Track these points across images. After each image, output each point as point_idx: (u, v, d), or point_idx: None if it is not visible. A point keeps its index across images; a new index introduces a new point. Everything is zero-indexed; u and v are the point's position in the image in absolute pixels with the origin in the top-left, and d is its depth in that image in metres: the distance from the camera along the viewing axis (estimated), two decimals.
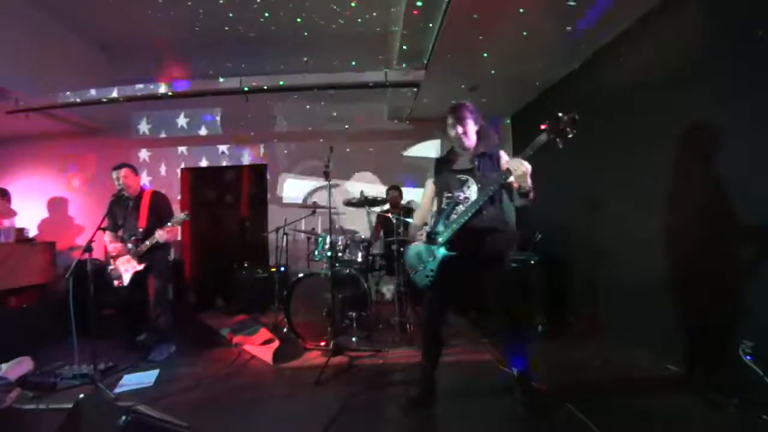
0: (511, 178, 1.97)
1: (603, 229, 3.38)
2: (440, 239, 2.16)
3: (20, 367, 2.16)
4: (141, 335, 3.36)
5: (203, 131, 5.60)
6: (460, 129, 2.19)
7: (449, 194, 2.21)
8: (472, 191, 2.15)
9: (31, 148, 5.58)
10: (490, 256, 2.13)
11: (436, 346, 2.34)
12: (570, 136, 1.84)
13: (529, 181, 1.94)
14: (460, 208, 2.14)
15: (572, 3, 2.67)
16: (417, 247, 2.29)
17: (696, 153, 2.42)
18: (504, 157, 2.21)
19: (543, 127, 1.91)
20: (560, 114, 1.85)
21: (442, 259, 2.16)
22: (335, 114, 5.48)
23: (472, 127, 2.21)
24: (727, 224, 2.21)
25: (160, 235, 3.09)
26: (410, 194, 4.65)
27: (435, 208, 2.37)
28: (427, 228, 2.26)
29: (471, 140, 2.23)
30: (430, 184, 2.43)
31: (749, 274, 2.09)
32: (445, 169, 2.32)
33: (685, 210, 2.52)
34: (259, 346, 3.28)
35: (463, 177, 2.19)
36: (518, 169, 1.90)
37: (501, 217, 2.19)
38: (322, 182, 2.93)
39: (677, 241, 2.59)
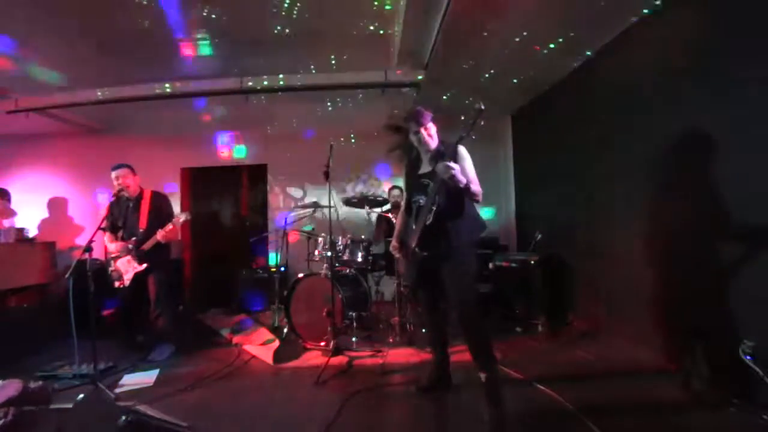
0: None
1: (603, 228, 3.38)
2: (411, 243, 2.26)
3: (4, 390, 2.10)
4: (140, 336, 3.39)
5: (203, 131, 5.59)
6: (423, 132, 2.25)
7: (413, 199, 2.34)
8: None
9: (31, 148, 5.58)
10: (449, 253, 2.18)
11: (436, 335, 2.45)
12: (481, 124, 2.00)
13: (460, 179, 2.01)
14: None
15: None
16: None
17: (697, 152, 2.41)
18: (461, 152, 2.20)
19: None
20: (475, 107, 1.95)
21: (418, 258, 2.28)
22: (335, 114, 5.47)
23: (433, 129, 2.29)
24: (728, 223, 2.21)
25: (162, 236, 3.10)
26: None
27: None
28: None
29: (435, 141, 2.30)
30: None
31: (749, 273, 2.08)
32: (412, 173, 2.42)
33: (685, 209, 2.51)
34: (259, 346, 3.29)
35: (425, 181, 2.25)
36: (446, 172, 1.99)
37: (459, 211, 2.20)
38: (322, 184, 2.93)
39: (678, 240, 2.59)
